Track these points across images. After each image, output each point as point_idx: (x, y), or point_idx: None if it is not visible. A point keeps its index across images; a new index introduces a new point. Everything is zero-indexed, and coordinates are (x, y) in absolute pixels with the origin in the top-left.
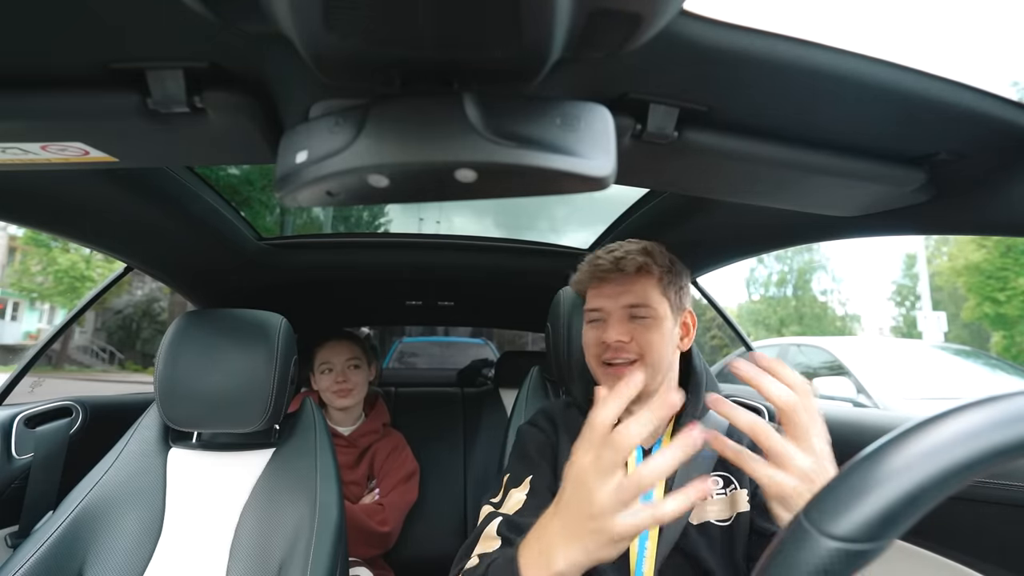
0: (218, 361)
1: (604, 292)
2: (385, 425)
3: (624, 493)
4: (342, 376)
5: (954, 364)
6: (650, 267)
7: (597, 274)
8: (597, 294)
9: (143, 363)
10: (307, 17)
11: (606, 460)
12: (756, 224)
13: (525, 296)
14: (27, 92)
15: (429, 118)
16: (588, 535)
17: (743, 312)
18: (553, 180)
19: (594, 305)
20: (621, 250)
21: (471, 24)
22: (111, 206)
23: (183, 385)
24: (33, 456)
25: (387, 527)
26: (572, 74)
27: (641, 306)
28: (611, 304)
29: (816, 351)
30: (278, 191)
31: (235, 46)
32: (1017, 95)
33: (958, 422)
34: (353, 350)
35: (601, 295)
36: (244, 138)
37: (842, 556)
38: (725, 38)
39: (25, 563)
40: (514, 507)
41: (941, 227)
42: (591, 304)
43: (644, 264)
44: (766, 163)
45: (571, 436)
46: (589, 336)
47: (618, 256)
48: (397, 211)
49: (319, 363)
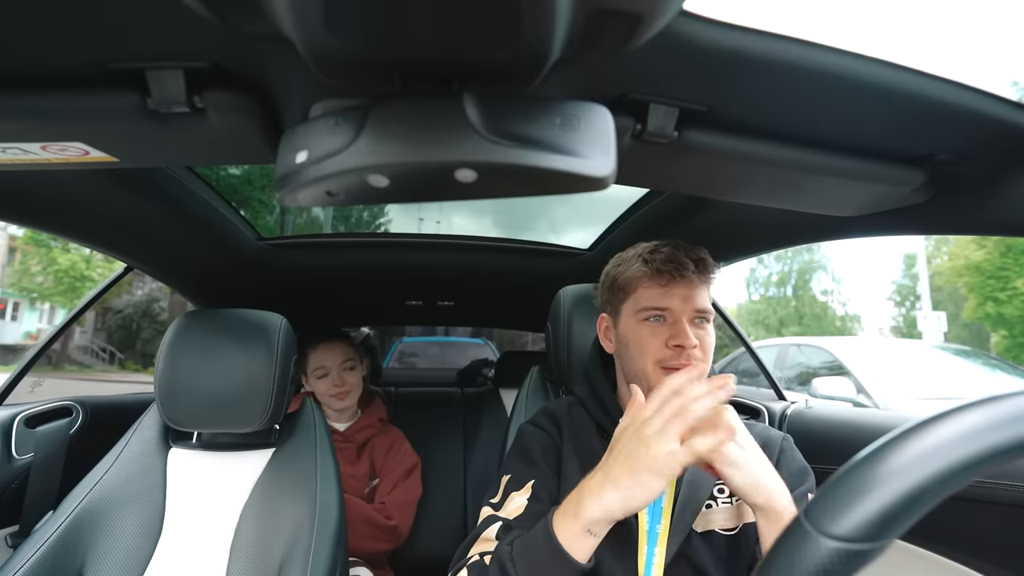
0: (218, 361)
1: (675, 292)
2: (381, 420)
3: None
4: (339, 380)
5: (954, 364)
6: (715, 274)
7: (676, 272)
8: (666, 293)
9: (143, 363)
10: (307, 17)
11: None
12: (756, 224)
13: (525, 296)
14: (27, 92)
15: (429, 118)
16: (633, 472)
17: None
18: (553, 180)
19: (661, 304)
20: (693, 252)
21: (471, 24)
22: (111, 206)
23: (183, 385)
24: (33, 456)
25: (393, 521)
26: (572, 74)
27: (707, 312)
28: (681, 306)
29: (816, 351)
30: (278, 191)
31: (235, 46)
32: (1017, 95)
33: (958, 422)
34: (346, 351)
35: (671, 295)
36: (244, 138)
37: (842, 556)
38: (725, 38)
39: (25, 563)
40: (514, 511)
41: (941, 227)
42: (656, 303)
43: (713, 270)
44: (766, 163)
45: (575, 437)
46: (649, 337)
47: (695, 258)
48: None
49: (314, 367)
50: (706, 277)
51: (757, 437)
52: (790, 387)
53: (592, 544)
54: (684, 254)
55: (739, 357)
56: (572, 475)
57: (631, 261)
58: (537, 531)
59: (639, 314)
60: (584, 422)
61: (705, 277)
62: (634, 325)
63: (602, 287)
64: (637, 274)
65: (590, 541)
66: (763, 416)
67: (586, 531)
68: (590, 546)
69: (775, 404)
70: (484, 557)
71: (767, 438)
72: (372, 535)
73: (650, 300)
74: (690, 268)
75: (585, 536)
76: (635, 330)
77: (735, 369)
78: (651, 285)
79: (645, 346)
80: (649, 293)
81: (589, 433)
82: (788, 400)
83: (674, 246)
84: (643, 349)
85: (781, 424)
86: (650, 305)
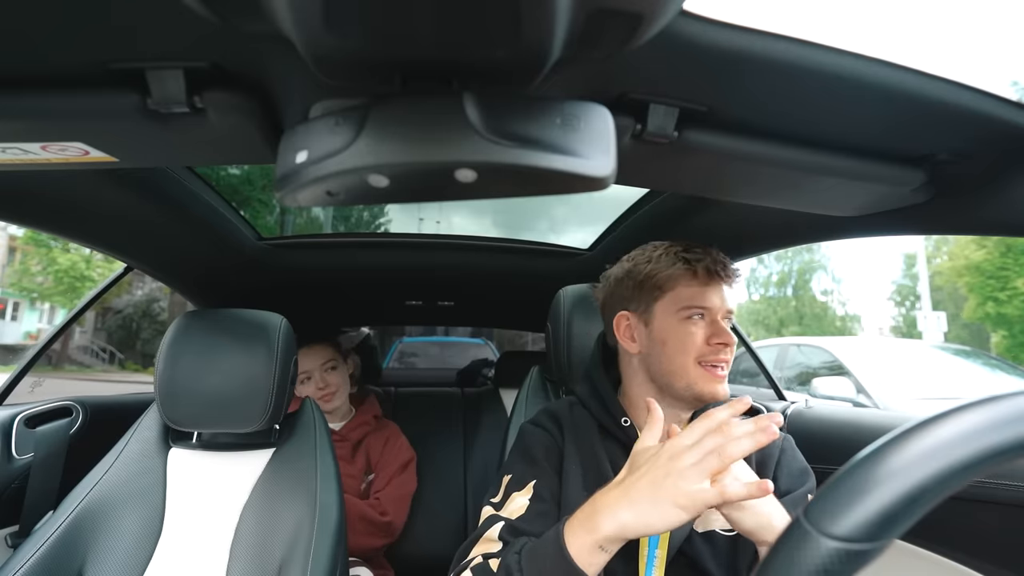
0: (218, 361)
1: (716, 292)
2: (376, 417)
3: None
4: (322, 382)
5: (954, 364)
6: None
7: (720, 271)
8: (709, 292)
9: (143, 363)
10: (307, 17)
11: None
12: (756, 224)
13: (525, 296)
14: (27, 92)
15: (429, 118)
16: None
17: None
18: (553, 180)
19: (704, 303)
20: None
21: (471, 24)
22: (111, 206)
23: (183, 385)
24: (33, 456)
25: (388, 516)
26: (572, 74)
27: (732, 312)
28: (719, 304)
29: (816, 351)
30: (278, 191)
31: (235, 46)
32: (1017, 95)
33: (958, 422)
34: (327, 353)
35: (713, 294)
36: (244, 138)
37: (842, 556)
38: (725, 38)
39: (25, 563)
40: (516, 511)
41: (941, 227)
42: (698, 301)
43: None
44: (766, 163)
45: (577, 437)
46: (692, 334)
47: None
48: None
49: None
50: (735, 280)
51: None
52: (790, 387)
53: (603, 560)
54: (719, 255)
55: (739, 357)
56: (574, 475)
57: (666, 259)
58: (547, 542)
59: (680, 312)
60: (586, 422)
61: (735, 280)
62: (674, 323)
63: (621, 285)
64: (677, 272)
65: (601, 557)
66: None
67: (598, 547)
68: (601, 561)
69: (775, 404)
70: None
71: None
72: (366, 531)
73: (692, 298)
74: (728, 269)
75: (597, 552)
76: (676, 328)
77: (735, 369)
78: (692, 283)
79: (687, 343)
80: (691, 291)
81: (591, 433)
82: (788, 400)
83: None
84: (685, 346)
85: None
86: (692, 303)
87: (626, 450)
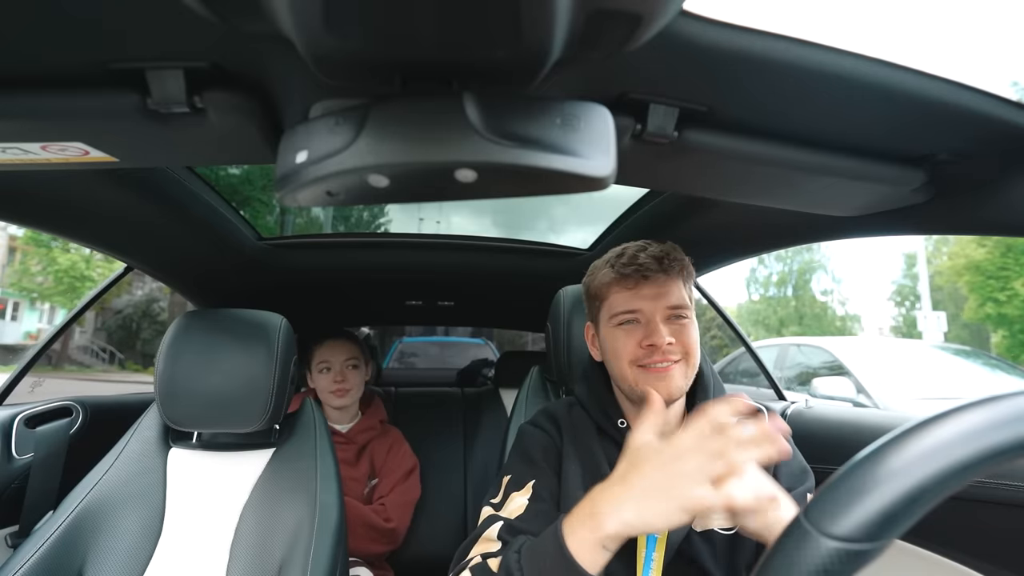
0: (218, 361)
1: (644, 294)
2: (382, 422)
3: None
4: (340, 376)
5: (954, 364)
6: (687, 268)
7: (639, 274)
8: (634, 296)
9: (143, 363)
10: (307, 17)
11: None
12: (756, 224)
13: (525, 296)
14: (27, 92)
15: (429, 118)
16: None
17: (743, 312)
18: (553, 180)
19: (631, 307)
20: (655, 249)
21: (471, 24)
22: (111, 206)
23: (183, 385)
24: (33, 456)
25: (392, 523)
26: (572, 74)
27: (682, 307)
28: (652, 306)
29: (816, 351)
30: (278, 191)
31: (235, 46)
32: (1017, 95)
33: (958, 422)
34: (352, 350)
35: (640, 297)
36: (244, 138)
37: (842, 556)
38: (725, 38)
39: (25, 563)
40: (515, 511)
41: (941, 227)
42: (626, 306)
43: (685, 266)
44: (766, 163)
45: (575, 437)
46: (622, 341)
47: (657, 255)
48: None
49: (317, 361)
50: (675, 274)
51: None
52: (790, 387)
53: (605, 558)
54: (646, 254)
55: (739, 357)
56: (573, 475)
57: (600, 268)
58: (546, 541)
59: (612, 320)
60: (584, 422)
61: (674, 274)
62: (611, 331)
63: (584, 297)
64: (606, 280)
65: (604, 555)
66: (763, 416)
67: (600, 546)
68: (603, 560)
69: (775, 404)
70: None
71: None
72: (369, 537)
73: (620, 304)
74: (652, 268)
75: (599, 550)
76: (611, 335)
77: (735, 369)
78: (620, 290)
79: (620, 350)
80: (619, 298)
81: (589, 433)
82: (788, 400)
83: (639, 247)
84: (619, 353)
85: None
86: (620, 310)
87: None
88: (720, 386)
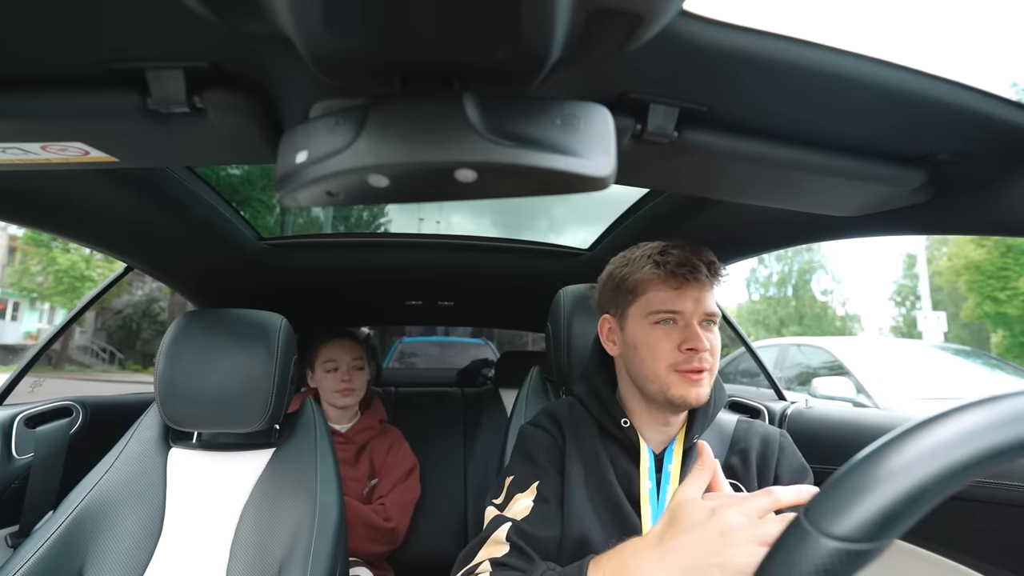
0: (218, 361)
1: (688, 295)
2: (382, 422)
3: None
4: (347, 376)
5: (954, 364)
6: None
7: (691, 275)
8: (679, 296)
9: (143, 363)
10: (307, 17)
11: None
12: (756, 224)
13: (525, 296)
14: (27, 92)
15: (429, 118)
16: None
17: (743, 312)
18: (553, 180)
19: (673, 307)
20: (704, 255)
21: (471, 24)
22: (111, 206)
23: (183, 385)
24: (33, 456)
25: (391, 523)
26: (572, 74)
27: (713, 315)
28: (692, 308)
29: (816, 351)
30: (278, 191)
31: (235, 46)
32: (1017, 95)
33: (958, 422)
34: (357, 350)
35: (684, 297)
36: (244, 138)
37: (842, 556)
38: (725, 38)
39: (25, 563)
40: (520, 513)
41: (941, 227)
42: (667, 306)
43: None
44: (766, 163)
45: (577, 436)
46: (662, 340)
47: (707, 261)
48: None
49: (323, 360)
50: (716, 280)
51: (757, 435)
52: (790, 387)
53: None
54: (696, 257)
55: (739, 357)
56: (576, 475)
57: (640, 262)
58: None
59: (649, 317)
60: (585, 422)
61: (715, 280)
62: (645, 328)
63: (604, 288)
64: (648, 276)
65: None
66: (763, 416)
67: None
68: None
69: (775, 404)
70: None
71: (766, 436)
72: (369, 536)
73: (662, 303)
74: (703, 271)
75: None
76: (646, 333)
77: (735, 369)
78: (662, 288)
79: (657, 350)
80: (660, 296)
81: (591, 433)
82: (788, 400)
83: (684, 248)
84: (655, 353)
85: (781, 424)
86: (662, 308)
87: (626, 450)
88: (721, 388)
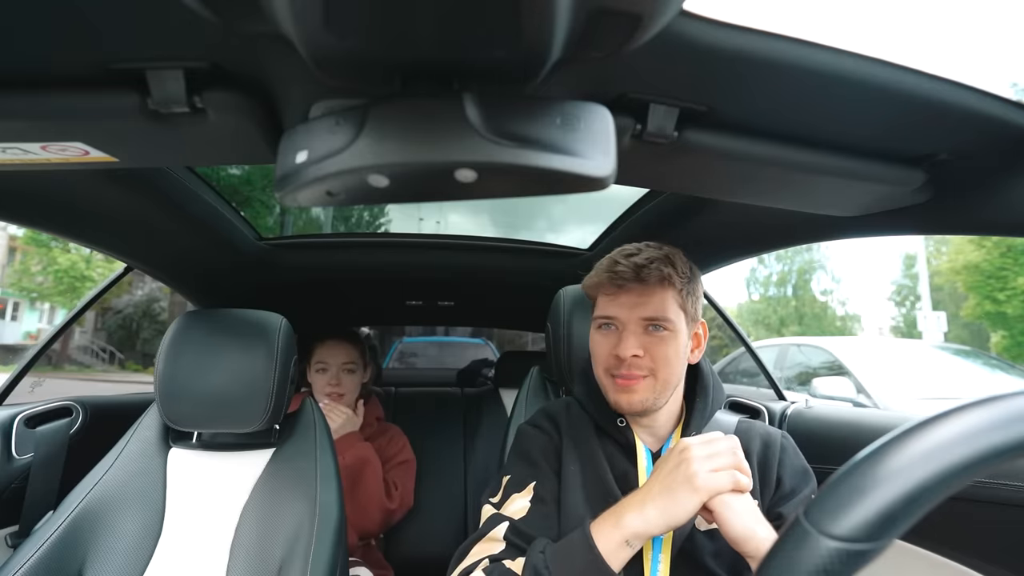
0: (218, 361)
1: (620, 301)
2: (379, 419)
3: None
4: (335, 380)
5: (954, 364)
6: (672, 279)
7: (615, 281)
8: (611, 302)
9: (143, 363)
10: (307, 17)
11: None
12: (756, 224)
13: (525, 296)
14: (27, 92)
15: (429, 118)
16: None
17: (743, 312)
18: (553, 180)
19: (607, 313)
20: (642, 256)
21: (471, 24)
22: (111, 206)
23: (183, 385)
24: (33, 456)
25: (394, 504)
26: (572, 74)
27: (658, 320)
28: (626, 315)
29: (816, 351)
30: (278, 191)
31: (235, 46)
32: (1017, 95)
33: (958, 422)
34: (350, 353)
35: (616, 303)
36: (244, 138)
37: (842, 556)
38: (725, 38)
39: (25, 563)
40: (518, 513)
41: (941, 227)
42: (603, 311)
43: (667, 276)
44: (766, 163)
45: (574, 436)
46: (600, 345)
47: (639, 264)
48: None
49: (315, 361)
50: (654, 283)
51: (757, 436)
52: (790, 387)
53: (628, 555)
54: (628, 261)
55: (739, 357)
56: (573, 475)
57: (599, 266)
58: (574, 541)
59: (595, 322)
60: (583, 422)
61: (653, 283)
62: (592, 333)
63: None
64: (595, 281)
65: (626, 552)
66: (763, 416)
67: (625, 542)
68: (626, 556)
69: (775, 404)
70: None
71: (767, 436)
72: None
73: (601, 308)
74: (627, 276)
75: (623, 547)
76: (592, 338)
77: (735, 369)
78: (603, 293)
79: (596, 355)
80: (602, 301)
81: (588, 433)
82: (788, 400)
83: (628, 252)
84: (596, 358)
85: (781, 424)
86: (600, 314)
87: (623, 450)
88: (720, 387)
